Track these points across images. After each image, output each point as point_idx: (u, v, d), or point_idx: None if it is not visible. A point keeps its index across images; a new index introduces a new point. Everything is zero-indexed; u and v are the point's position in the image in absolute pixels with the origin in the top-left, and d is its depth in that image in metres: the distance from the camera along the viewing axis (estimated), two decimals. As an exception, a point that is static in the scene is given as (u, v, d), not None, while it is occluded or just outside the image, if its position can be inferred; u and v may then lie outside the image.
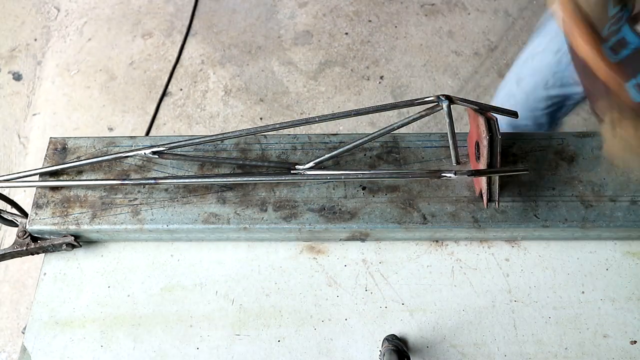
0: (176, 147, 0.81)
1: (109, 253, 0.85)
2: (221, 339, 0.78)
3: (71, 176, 0.85)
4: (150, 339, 0.79)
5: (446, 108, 0.72)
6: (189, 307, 0.81)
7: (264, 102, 2.24)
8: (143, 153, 0.79)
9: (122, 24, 2.47)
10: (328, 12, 2.47)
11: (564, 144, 0.85)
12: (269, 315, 0.80)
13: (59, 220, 0.81)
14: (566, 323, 0.78)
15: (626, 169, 0.77)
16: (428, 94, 0.77)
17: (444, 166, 0.84)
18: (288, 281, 0.82)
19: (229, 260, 0.84)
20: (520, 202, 0.80)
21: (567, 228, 0.79)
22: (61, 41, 2.43)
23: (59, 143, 0.88)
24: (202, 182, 0.80)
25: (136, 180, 0.81)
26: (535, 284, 0.80)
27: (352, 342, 0.77)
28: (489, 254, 0.83)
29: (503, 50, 2.32)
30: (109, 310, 0.81)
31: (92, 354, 0.78)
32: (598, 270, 0.81)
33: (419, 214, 0.80)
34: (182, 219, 0.80)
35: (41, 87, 2.31)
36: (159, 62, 2.36)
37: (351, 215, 0.80)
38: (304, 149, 0.86)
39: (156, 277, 0.83)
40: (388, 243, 0.84)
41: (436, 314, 0.79)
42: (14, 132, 2.21)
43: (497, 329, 0.78)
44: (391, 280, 0.81)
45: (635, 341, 0.76)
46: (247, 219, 0.80)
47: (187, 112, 2.22)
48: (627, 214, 0.79)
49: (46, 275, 0.84)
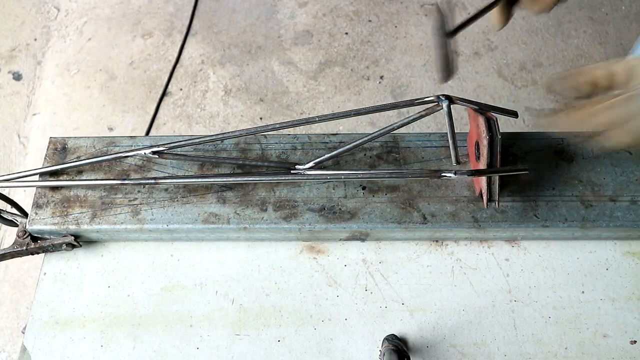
0: (176, 147, 0.81)
1: (109, 253, 0.85)
2: (221, 339, 0.78)
3: (71, 176, 0.85)
4: (150, 339, 0.79)
5: (446, 108, 0.72)
6: (189, 307, 0.81)
7: (264, 102, 2.24)
8: (143, 153, 0.79)
9: (122, 24, 2.47)
10: (328, 12, 2.47)
11: (564, 144, 0.85)
12: (269, 315, 0.80)
13: (59, 220, 0.81)
14: (566, 323, 0.78)
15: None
16: (428, 94, 0.77)
17: (444, 166, 0.84)
18: (288, 281, 0.82)
19: (229, 260, 0.84)
20: (520, 202, 0.80)
21: (567, 228, 0.79)
22: (61, 41, 2.43)
23: (59, 143, 0.88)
24: (202, 182, 0.80)
25: (136, 180, 0.81)
26: (535, 283, 0.80)
27: (352, 341, 0.77)
28: (489, 254, 0.83)
29: (503, 50, 2.32)
30: (109, 310, 0.81)
31: (92, 354, 0.78)
32: (598, 270, 0.81)
33: (419, 213, 0.80)
34: (182, 218, 0.81)
35: (41, 87, 2.31)
36: (159, 62, 2.36)
37: (351, 215, 0.80)
38: (304, 149, 0.86)
39: (156, 277, 0.83)
40: (388, 243, 0.84)
41: (436, 313, 0.79)
42: (13, 131, 2.21)
43: (497, 328, 0.78)
44: (391, 280, 0.81)
45: (635, 341, 0.76)
46: (247, 218, 0.80)
47: (187, 112, 2.21)
48: (627, 213, 0.79)
49: (46, 275, 0.84)
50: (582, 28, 2.38)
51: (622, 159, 0.83)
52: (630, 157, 0.84)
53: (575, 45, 2.34)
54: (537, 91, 2.21)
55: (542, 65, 2.28)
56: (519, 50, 2.32)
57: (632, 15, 2.42)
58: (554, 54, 2.31)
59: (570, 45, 2.34)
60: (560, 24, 2.39)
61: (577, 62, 2.28)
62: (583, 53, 2.31)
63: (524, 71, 2.26)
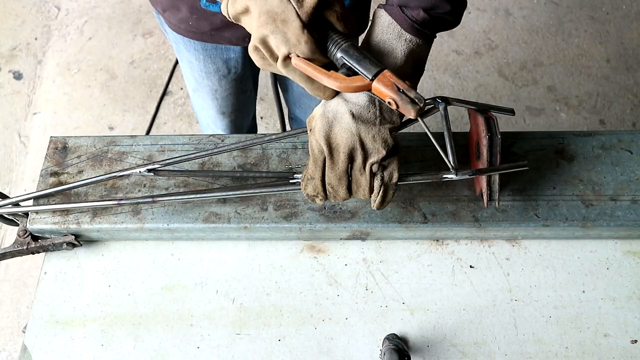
0: (170, 164, 0.79)
1: (109, 252, 0.85)
2: (222, 338, 0.78)
3: (72, 175, 0.85)
4: (151, 338, 0.79)
5: (442, 111, 0.72)
6: (189, 306, 0.81)
7: (265, 102, 2.23)
8: (138, 171, 0.78)
9: (123, 23, 2.46)
10: (328, 11, 2.47)
11: (565, 143, 0.85)
12: (269, 314, 0.80)
13: (59, 219, 0.81)
14: (567, 322, 0.78)
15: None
16: (428, 94, 0.77)
17: (444, 166, 0.84)
18: (288, 280, 0.82)
19: (229, 260, 0.84)
20: (520, 201, 0.80)
21: (567, 227, 0.79)
22: (62, 40, 2.43)
23: (59, 142, 0.88)
24: (200, 197, 0.79)
25: (133, 200, 0.80)
26: (535, 283, 0.80)
27: (352, 341, 0.77)
28: (489, 253, 0.83)
29: (504, 50, 2.32)
30: (109, 309, 0.81)
31: (93, 353, 0.78)
32: (599, 269, 0.81)
33: (419, 213, 0.80)
34: (182, 218, 0.80)
35: (42, 86, 2.31)
36: (159, 61, 2.36)
37: (352, 215, 0.80)
38: (304, 148, 0.86)
39: (157, 276, 0.83)
40: (388, 242, 0.84)
41: (437, 313, 0.79)
42: (14, 131, 2.21)
43: (497, 328, 0.78)
44: (392, 280, 0.81)
45: (635, 340, 0.76)
46: (247, 218, 0.80)
47: (188, 111, 2.21)
48: (628, 213, 0.79)
49: (47, 274, 0.84)
50: (583, 27, 2.38)
51: (623, 159, 0.83)
52: (631, 157, 0.84)
53: (576, 44, 2.33)
54: (538, 90, 2.21)
55: (542, 65, 2.28)
56: (520, 49, 2.32)
57: (632, 15, 2.42)
58: (554, 53, 2.31)
59: (571, 44, 2.34)
60: (561, 23, 2.39)
61: (577, 61, 2.28)
62: (584, 52, 2.31)
63: (524, 70, 2.26)
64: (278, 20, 0.60)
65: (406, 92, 0.59)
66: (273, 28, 0.61)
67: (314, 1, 0.60)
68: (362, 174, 0.67)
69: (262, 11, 0.61)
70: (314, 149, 0.67)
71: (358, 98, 0.66)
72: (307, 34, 0.60)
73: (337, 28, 0.63)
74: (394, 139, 0.67)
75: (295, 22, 0.60)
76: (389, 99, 0.60)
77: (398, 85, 0.59)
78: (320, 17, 0.62)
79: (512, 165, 0.75)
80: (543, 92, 2.20)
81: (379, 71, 0.60)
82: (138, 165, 0.80)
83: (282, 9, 0.60)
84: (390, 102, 0.60)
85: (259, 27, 0.62)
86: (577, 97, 2.20)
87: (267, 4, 0.61)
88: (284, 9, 0.60)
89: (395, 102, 0.60)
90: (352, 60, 0.61)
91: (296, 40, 0.60)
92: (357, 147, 0.65)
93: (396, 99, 0.59)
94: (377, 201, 0.69)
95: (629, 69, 2.26)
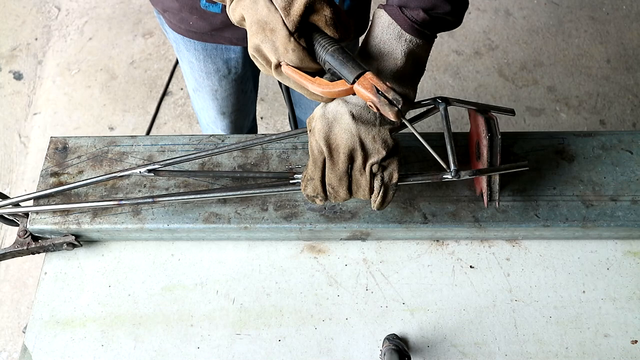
0: (170, 165, 0.79)
1: (109, 252, 0.85)
2: (222, 339, 0.78)
3: (72, 175, 0.85)
4: (151, 339, 0.79)
5: (443, 111, 0.72)
6: (189, 306, 0.81)
7: (265, 102, 2.24)
8: (139, 172, 0.78)
9: (123, 23, 2.47)
10: (329, 11, 2.47)
11: (565, 144, 0.85)
12: (269, 314, 0.80)
13: (59, 219, 0.81)
14: (567, 322, 0.78)
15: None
16: (429, 94, 0.77)
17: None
18: (289, 280, 0.82)
19: (229, 260, 0.84)
20: (520, 201, 0.80)
21: (567, 227, 0.79)
22: (62, 40, 2.43)
23: (59, 142, 0.88)
24: (199, 198, 0.79)
25: (133, 200, 0.80)
26: (536, 283, 0.80)
27: (352, 341, 0.77)
28: (489, 254, 0.83)
29: (504, 50, 2.32)
30: (109, 309, 0.81)
31: (93, 353, 0.78)
32: (599, 269, 0.81)
33: (419, 213, 0.80)
34: (182, 218, 0.80)
35: (42, 87, 2.31)
36: (159, 61, 2.36)
37: (352, 215, 0.80)
38: (304, 148, 0.86)
39: (157, 277, 0.83)
40: (389, 242, 0.84)
41: (437, 313, 0.79)
42: (14, 131, 2.21)
43: (497, 328, 0.78)
44: (392, 280, 0.81)
45: (636, 341, 0.76)
46: (247, 218, 0.80)
47: (188, 112, 2.21)
48: (628, 213, 0.79)
49: (47, 274, 0.84)
50: (583, 27, 2.38)
51: (623, 159, 0.83)
52: (631, 157, 0.84)
53: (576, 44, 2.33)
54: (538, 90, 2.21)
55: (543, 65, 2.28)
56: (520, 49, 2.32)
57: (633, 15, 2.42)
58: (554, 54, 2.31)
59: (571, 44, 2.34)
60: (561, 24, 2.39)
61: (577, 62, 2.28)
62: (584, 52, 2.31)
63: (524, 70, 2.26)
64: (267, 30, 0.61)
65: (385, 94, 0.59)
66: (263, 37, 0.61)
67: (300, 9, 0.60)
68: (362, 175, 0.67)
69: (252, 20, 0.62)
70: (314, 150, 0.67)
71: (358, 99, 0.66)
72: (294, 42, 0.60)
73: (327, 33, 0.63)
74: (394, 139, 0.67)
75: (282, 31, 0.60)
76: (369, 101, 0.60)
77: (377, 87, 0.59)
78: (309, 23, 0.62)
79: (512, 166, 0.75)
80: (543, 93, 2.20)
81: (360, 74, 0.60)
82: (138, 166, 0.80)
83: (270, 18, 0.60)
84: (370, 105, 0.60)
85: (251, 36, 0.63)
86: (577, 97, 2.20)
87: (257, 14, 0.61)
88: (271, 18, 0.60)
89: (374, 104, 0.59)
90: (336, 64, 0.61)
91: (284, 49, 0.61)
92: (357, 147, 0.65)
93: (375, 102, 0.59)
94: (377, 202, 0.69)
95: (629, 69, 2.26)
